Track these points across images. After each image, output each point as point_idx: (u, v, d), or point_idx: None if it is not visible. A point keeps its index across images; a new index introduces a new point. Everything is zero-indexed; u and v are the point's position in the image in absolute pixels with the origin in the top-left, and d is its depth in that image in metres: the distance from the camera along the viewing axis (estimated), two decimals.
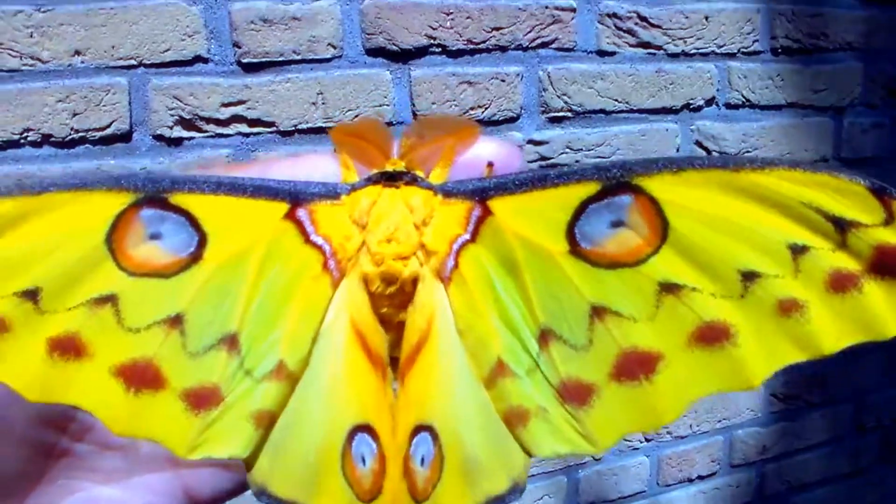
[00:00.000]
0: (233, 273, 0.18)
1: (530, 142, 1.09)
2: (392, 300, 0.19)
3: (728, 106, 1.19)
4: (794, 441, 1.37)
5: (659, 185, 0.17)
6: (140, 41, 0.90)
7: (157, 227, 0.18)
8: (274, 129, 0.99)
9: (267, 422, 0.18)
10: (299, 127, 0.99)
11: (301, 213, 0.19)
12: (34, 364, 0.17)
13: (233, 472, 0.23)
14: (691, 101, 1.16)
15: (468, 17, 1.03)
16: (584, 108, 1.11)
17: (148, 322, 0.18)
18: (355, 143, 0.20)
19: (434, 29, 1.02)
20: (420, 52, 1.02)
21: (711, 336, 0.17)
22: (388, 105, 1.02)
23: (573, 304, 0.18)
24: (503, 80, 1.06)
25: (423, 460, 0.19)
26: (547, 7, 1.06)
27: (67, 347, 0.17)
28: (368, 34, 0.99)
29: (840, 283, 0.17)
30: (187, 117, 0.95)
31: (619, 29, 1.10)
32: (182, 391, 0.18)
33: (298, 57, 0.97)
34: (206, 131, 0.96)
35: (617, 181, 0.18)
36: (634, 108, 1.13)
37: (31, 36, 0.90)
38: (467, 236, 0.19)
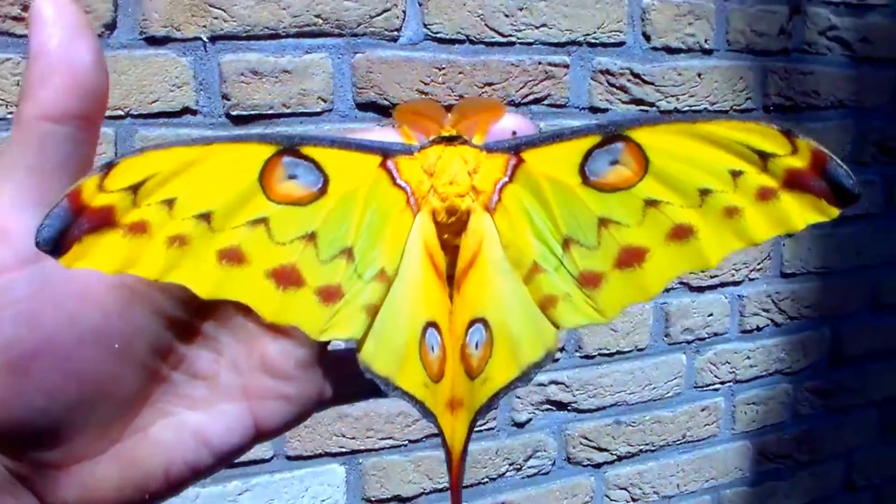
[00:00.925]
0: (347, 204, 0.25)
1: None
2: (451, 228, 0.25)
3: None
4: (783, 500, 1.35)
5: (641, 135, 0.24)
6: (128, 91, 0.88)
7: (293, 170, 0.24)
8: None
9: (373, 313, 0.25)
10: None
11: (389, 163, 0.25)
12: (207, 270, 0.23)
13: (293, 406, 0.28)
14: None
15: (460, 73, 1.02)
16: None
17: (290, 238, 0.24)
18: (415, 118, 0.26)
19: (426, 84, 1.01)
20: None
21: (681, 234, 0.25)
22: None
23: (586, 218, 0.25)
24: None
25: (476, 345, 0.25)
26: (540, 63, 1.05)
27: (232, 257, 0.24)
28: (360, 88, 0.98)
29: (765, 195, 0.24)
30: None
31: (612, 85, 1.09)
32: (316, 288, 0.25)
33: (288, 110, 0.95)
34: None
35: (613, 133, 0.25)
36: None
37: (19, 84, 0.88)
38: (507, 179, 0.25)
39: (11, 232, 0.23)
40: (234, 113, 0.93)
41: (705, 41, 1.13)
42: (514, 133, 0.27)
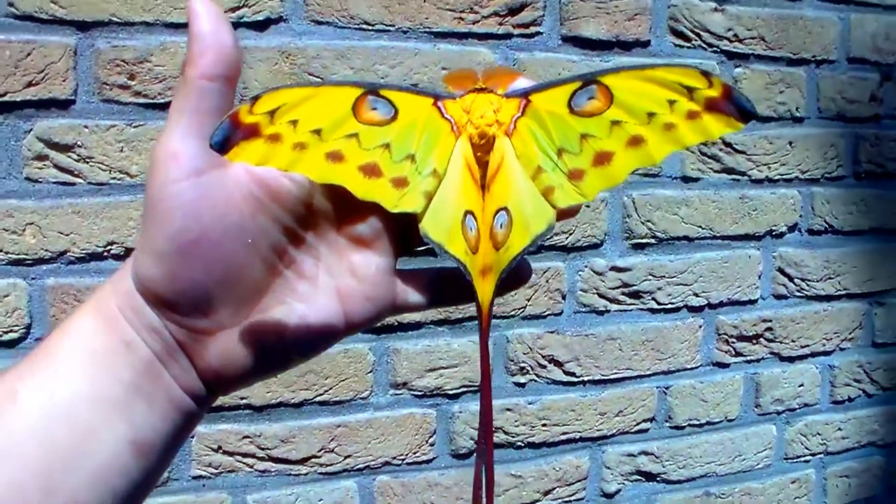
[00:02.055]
0: (410, 127, 0.35)
1: (613, 268, 1.07)
2: (482, 148, 0.35)
3: (811, 232, 1.16)
4: None
5: (608, 79, 0.34)
6: None
7: (374, 104, 0.34)
8: None
9: (429, 198, 0.35)
10: None
11: (439, 104, 0.35)
12: (318, 165, 0.33)
13: (373, 306, 0.36)
14: (774, 228, 1.14)
15: None
16: (667, 234, 1.08)
17: (373, 146, 0.34)
18: (458, 80, 0.36)
19: None
20: None
21: (636, 142, 0.34)
22: None
23: (572, 135, 0.35)
24: (587, 206, 1.05)
25: (501, 226, 0.35)
26: None
27: (335, 157, 0.34)
28: None
29: (692, 115, 0.34)
30: None
31: (704, 154, 1.09)
32: (391, 179, 0.34)
33: None
34: None
35: (589, 79, 0.35)
36: (718, 235, 1.11)
37: (122, 150, 0.90)
38: (520, 114, 0.35)
39: (181, 155, 0.32)
40: None
41: (796, 109, 1.12)
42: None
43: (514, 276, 0.36)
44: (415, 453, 1.03)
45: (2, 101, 0.86)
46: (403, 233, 0.36)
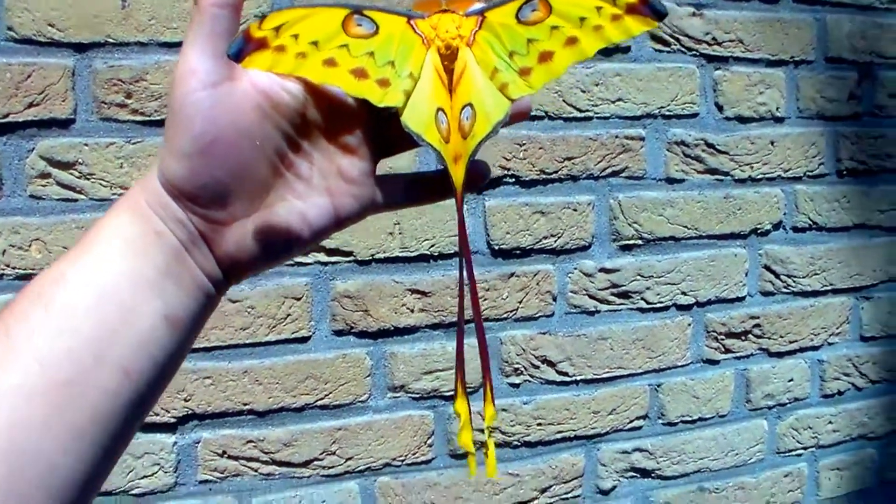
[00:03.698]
0: (389, 40, 0.41)
1: (602, 270, 1.10)
2: (449, 58, 0.41)
3: (795, 229, 1.19)
4: None
5: None
6: None
7: (360, 21, 0.40)
8: (351, 258, 1.00)
9: (408, 95, 0.41)
10: (376, 256, 1.01)
11: (411, 22, 0.41)
12: (316, 69, 0.39)
13: (358, 203, 0.42)
14: (759, 226, 1.16)
15: (540, 148, 1.05)
16: (654, 235, 1.11)
17: (360, 54, 0.40)
18: (426, 4, 0.42)
19: (507, 160, 1.04)
20: (494, 183, 1.04)
21: (571, 41, 0.40)
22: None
23: (521, 40, 0.41)
24: (575, 210, 1.07)
25: (467, 118, 0.41)
26: (617, 136, 1.08)
27: (329, 63, 0.40)
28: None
29: (615, 18, 0.39)
30: None
31: (687, 156, 1.12)
32: (376, 79, 0.40)
33: None
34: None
35: None
36: (703, 234, 1.14)
37: (122, 167, 0.93)
38: (478, 28, 0.41)
39: (199, 70, 0.38)
40: None
41: (777, 109, 1.15)
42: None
43: (477, 172, 0.43)
44: (414, 454, 1.05)
45: (4, 122, 0.89)
46: (381, 143, 0.43)
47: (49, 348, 0.36)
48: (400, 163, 0.96)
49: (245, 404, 0.98)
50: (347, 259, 1.00)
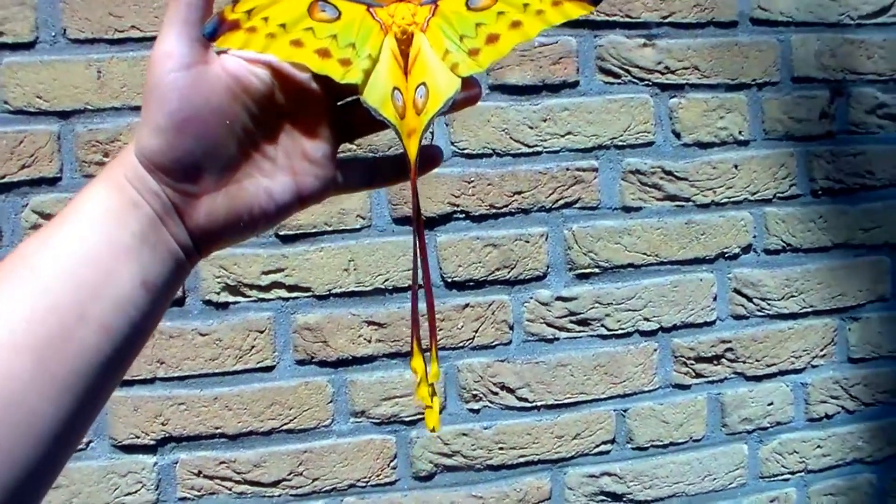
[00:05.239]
0: (351, 24, 0.45)
1: (559, 298, 1.13)
2: (405, 42, 0.45)
3: (767, 252, 1.17)
4: None
5: None
6: None
7: (324, 7, 0.44)
8: (310, 293, 1.08)
9: (367, 74, 0.44)
10: (333, 291, 1.08)
11: (371, 10, 0.45)
12: (285, 49, 0.43)
13: (319, 182, 0.46)
14: (726, 250, 1.16)
15: (489, 184, 1.10)
16: (611, 263, 1.13)
17: (324, 36, 0.44)
18: None
19: (456, 197, 1.09)
20: (444, 219, 1.09)
21: (516, 24, 0.44)
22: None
23: (470, 24, 0.45)
24: (527, 241, 1.11)
25: (420, 96, 0.45)
26: (568, 169, 1.11)
27: (297, 43, 0.43)
28: (394, 204, 1.08)
29: (556, 3, 0.44)
30: (232, 284, 1.06)
31: (644, 184, 1.13)
32: (338, 59, 0.44)
33: (330, 228, 1.06)
34: (249, 296, 1.07)
35: None
36: (665, 261, 1.15)
37: None
38: (431, 15, 0.45)
39: (175, 53, 0.42)
40: (281, 233, 1.05)
41: (739, 133, 1.15)
42: None
43: (431, 153, 0.48)
44: (378, 476, 1.12)
45: (2, 183, 1.03)
46: (343, 128, 0.47)
47: (34, 306, 0.39)
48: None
49: (217, 428, 1.08)
50: (306, 294, 1.08)
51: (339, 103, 0.46)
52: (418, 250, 0.47)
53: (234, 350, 1.08)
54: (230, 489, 1.09)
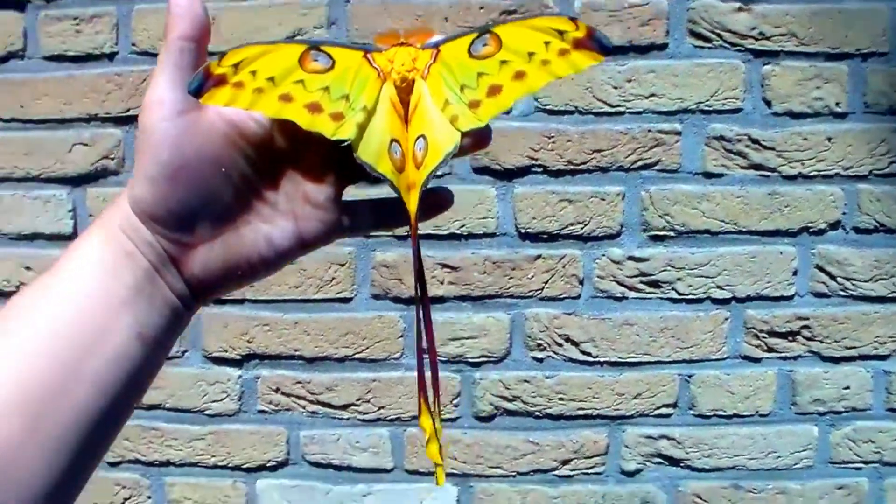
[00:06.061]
0: (345, 74, 0.43)
1: (631, 258, 1.14)
2: (404, 90, 0.43)
3: (857, 230, 1.13)
4: None
5: (498, 30, 0.43)
6: None
7: (316, 57, 0.42)
8: (391, 233, 1.14)
9: (361, 128, 0.43)
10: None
11: (368, 56, 0.43)
12: (273, 104, 0.41)
13: (323, 226, 0.44)
14: (811, 224, 1.13)
15: (569, 141, 1.12)
16: (687, 227, 1.13)
17: (316, 88, 0.42)
18: (386, 38, 0.44)
19: (536, 151, 1.12)
20: (522, 172, 1.13)
21: (520, 76, 0.42)
22: (492, 218, 1.13)
23: (472, 73, 0.43)
24: (603, 199, 1.13)
25: (420, 149, 0.43)
26: (650, 131, 1.11)
27: (285, 98, 0.41)
28: (475, 155, 1.12)
29: (563, 52, 0.41)
30: None
31: (728, 151, 1.12)
32: (330, 113, 0.42)
33: None
34: None
35: (484, 31, 0.43)
36: (744, 230, 1.13)
37: None
38: (432, 61, 0.43)
39: (166, 100, 0.41)
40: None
41: (836, 104, 1.11)
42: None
43: (437, 200, 0.46)
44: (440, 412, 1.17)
45: (129, 115, 1.15)
46: (347, 170, 0.45)
47: (28, 366, 0.38)
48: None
49: (296, 350, 1.17)
50: (388, 233, 1.15)
51: (342, 144, 0.43)
52: (422, 315, 0.47)
53: (315, 280, 1.16)
54: (304, 408, 1.18)
